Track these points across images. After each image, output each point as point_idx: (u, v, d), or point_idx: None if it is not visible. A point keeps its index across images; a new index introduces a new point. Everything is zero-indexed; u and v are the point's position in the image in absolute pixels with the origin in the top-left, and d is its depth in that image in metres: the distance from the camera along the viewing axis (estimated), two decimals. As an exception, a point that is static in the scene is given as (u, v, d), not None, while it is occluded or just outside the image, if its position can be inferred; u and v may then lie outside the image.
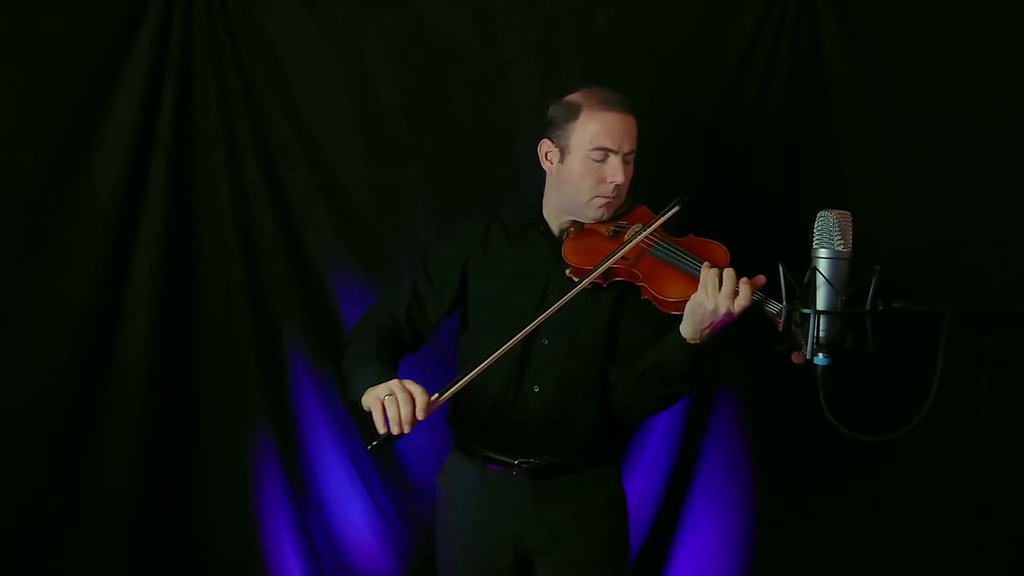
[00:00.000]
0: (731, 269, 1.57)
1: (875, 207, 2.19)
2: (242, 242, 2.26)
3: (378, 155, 2.29)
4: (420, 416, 1.55)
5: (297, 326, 2.29)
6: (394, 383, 1.58)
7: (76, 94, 2.14)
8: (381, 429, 1.56)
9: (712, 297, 1.55)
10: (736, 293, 1.55)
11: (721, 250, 1.69)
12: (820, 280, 1.42)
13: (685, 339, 1.61)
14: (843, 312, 1.41)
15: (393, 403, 1.54)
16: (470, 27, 2.25)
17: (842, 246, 1.42)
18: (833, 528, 2.30)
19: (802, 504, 2.30)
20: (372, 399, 1.59)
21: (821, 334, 1.42)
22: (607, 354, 1.78)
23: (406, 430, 1.55)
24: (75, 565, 2.23)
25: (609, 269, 1.69)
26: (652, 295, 1.67)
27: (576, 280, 1.70)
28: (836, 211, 1.43)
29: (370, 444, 1.59)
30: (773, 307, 1.54)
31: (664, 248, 1.71)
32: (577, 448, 1.81)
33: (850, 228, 1.44)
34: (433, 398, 1.58)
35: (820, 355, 1.42)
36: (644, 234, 1.70)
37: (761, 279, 1.58)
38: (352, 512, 2.34)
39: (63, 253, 2.17)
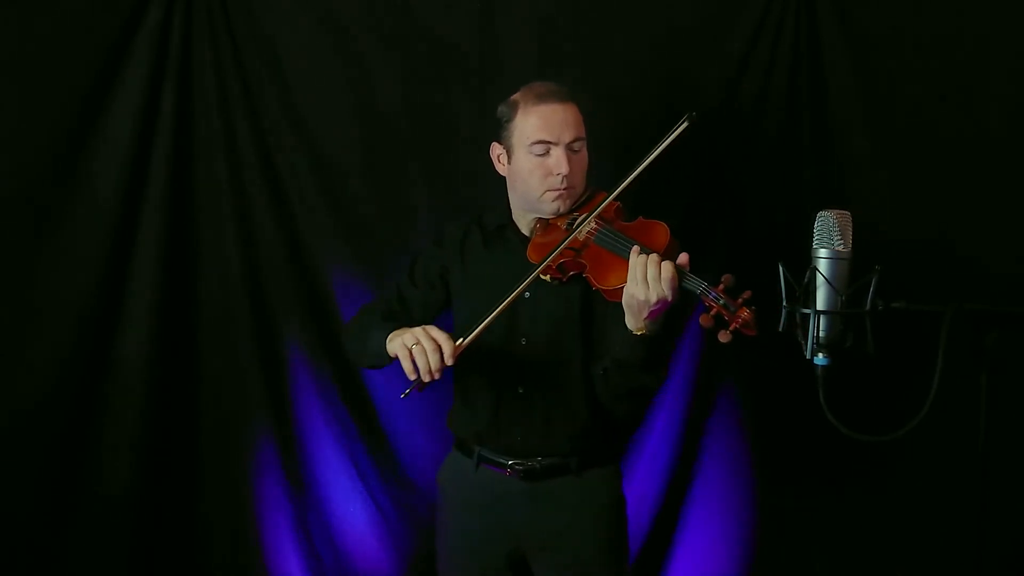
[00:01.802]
0: (655, 255, 1.54)
1: (875, 207, 2.19)
2: (242, 242, 2.26)
3: (378, 155, 2.29)
4: (449, 362, 1.58)
5: (297, 326, 2.29)
6: (418, 331, 1.60)
7: (76, 94, 2.14)
8: (411, 376, 1.59)
9: (641, 285, 1.52)
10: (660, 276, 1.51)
11: (662, 229, 1.65)
12: (820, 280, 1.42)
13: (632, 331, 1.59)
14: (843, 312, 1.41)
15: (421, 352, 1.57)
16: (470, 27, 2.25)
17: (842, 246, 1.42)
18: (833, 528, 2.30)
19: (802, 504, 2.30)
20: (399, 345, 1.61)
21: (821, 334, 1.42)
22: (587, 351, 1.77)
23: (436, 377, 1.57)
24: (75, 565, 2.23)
25: (563, 262, 1.68)
26: (596, 285, 1.65)
27: (544, 278, 1.69)
28: (836, 211, 1.44)
29: (402, 393, 1.61)
30: (696, 285, 1.53)
31: (606, 236, 1.68)
32: (570, 448, 1.80)
33: (850, 228, 1.44)
34: (458, 343, 1.59)
35: (820, 355, 1.42)
36: (583, 222, 1.67)
37: (684, 256, 1.55)
38: (352, 512, 2.34)
39: (63, 253, 2.17)
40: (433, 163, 2.29)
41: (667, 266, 1.51)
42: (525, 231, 1.83)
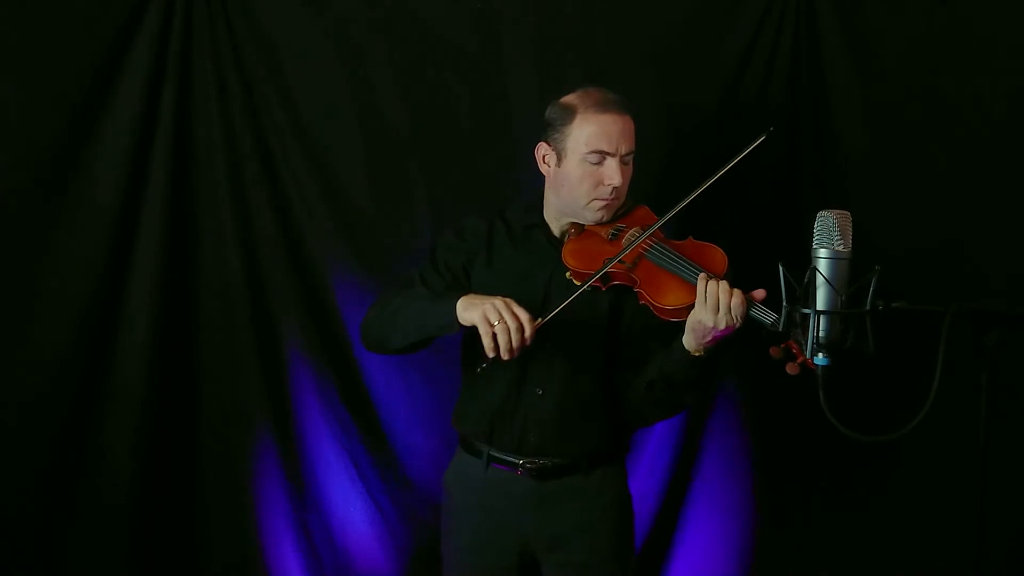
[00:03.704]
0: (726, 283, 1.55)
1: (875, 207, 2.19)
2: (242, 242, 2.25)
3: (378, 155, 2.28)
4: (529, 342, 1.56)
5: (297, 326, 2.29)
6: (498, 302, 1.57)
7: (76, 95, 2.14)
8: (491, 353, 1.57)
9: (711, 313, 1.53)
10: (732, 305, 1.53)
11: (719, 255, 1.67)
12: (820, 280, 1.42)
13: (689, 352, 1.60)
14: (843, 312, 1.41)
15: (504, 331, 1.55)
16: (471, 27, 2.25)
17: (842, 246, 1.42)
18: (833, 528, 2.30)
19: (802, 504, 2.30)
20: (480, 316, 1.57)
21: (821, 334, 1.42)
22: (609, 356, 1.78)
23: (515, 356, 1.56)
24: (75, 565, 2.23)
25: (609, 272, 1.69)
26: (648, 301, 1.66)
27: (577, 283, 1.69)
28: (836, 211, 1.43)
29: (479, 367, 1.62)
30: (768, 316, 1.54)
31: (661, 253, 1.69)
32: (582, 449, 1.81)
33: (850, 228, 1.43)
34: (538, 322, 1.59)
35: (820, 355, 1.42)
36: (641, 238, 1.69)
37: (761, 292, 1.56)
38: (352, 512, 2.34)
39: (63, 253, 2.16)
40: (433, 163, 2.29)
41: (738, 295, 1.53)
42: (556, 232, 1.84)
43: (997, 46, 2.18)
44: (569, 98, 1.76)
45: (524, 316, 1.56)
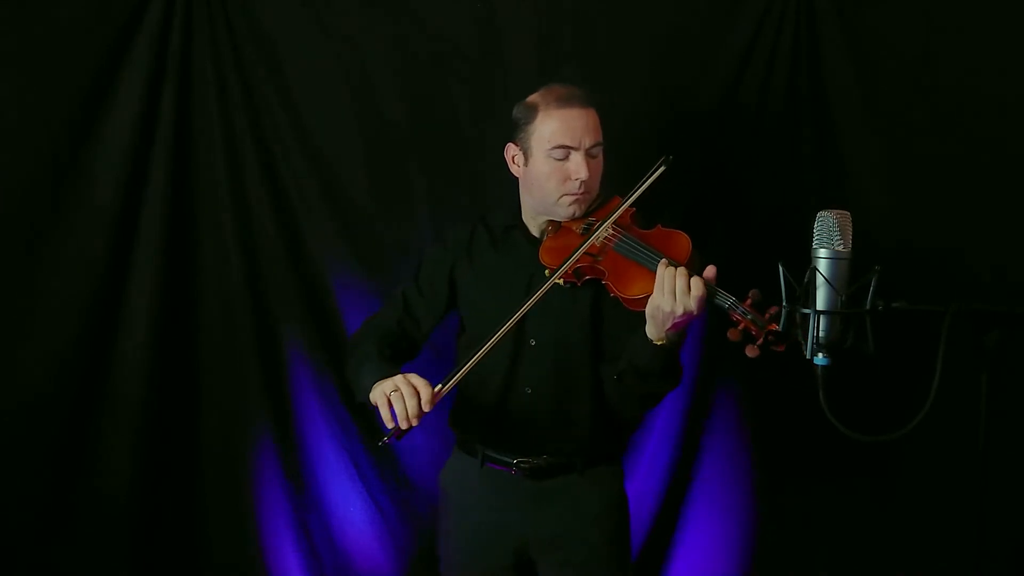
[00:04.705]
0: (683, 268, 1.54)
1: (875, 207, 2.19)
2: (242, 242, 2.25)
3: (378, 155, 2.29)
4: (426, 408, 1.56)
5: (297, 327, 2.29)
6: (398, 378, 1.59)
7: (76, 95, 2.14)
8: (389, 424, 1.58)
9: (668, 297, 1.52)
10: (690, 290, 1.52)
11: (684, 240, 1.65)
12: (820, 280, 1.42)
13: (651, 341, 1.59)
14: (843, 312, 1.41)
15: (399, 398, 1.56)
16: (470, 27, 2.25)
17: (842, 246, 1.42)
18: (833, 528, 2.30)
19: (802, 504, 2.30)
20: (378, 394, 1.60)
21: (821, 334, 1.42)
22: (595, 352, 1.78)
23: (414, 423, 1.56)
24: (75, 565, 2.23)
25: (579, 267, 1.68)
26: (617, 293, 1.65)
27: (558, 282, 1.69)
28: (836, 211, 1.43)
29: (380, 440, 1.61)
30: (725, 300, 1.54)
31: (627, 243, 1.68)
32: (576, 447, 1.81)
33: (850, 228, 1.44)
34: (436, 389, 1.59)
35: (820, 355, 1.42)
36: (599, 229, 1.67)
37: (711, 270, 1.56)
38: (352, 512, 2.34)
39: (63, 253, 2.16)
40: (433, 163, 2.29)
41: (696, 281, 1.52)
42: (535, 232, 1.84)
43: (997, 46, 2.18)
44: (532, 97, 1.77)
45: (419, 383, 1.57)
